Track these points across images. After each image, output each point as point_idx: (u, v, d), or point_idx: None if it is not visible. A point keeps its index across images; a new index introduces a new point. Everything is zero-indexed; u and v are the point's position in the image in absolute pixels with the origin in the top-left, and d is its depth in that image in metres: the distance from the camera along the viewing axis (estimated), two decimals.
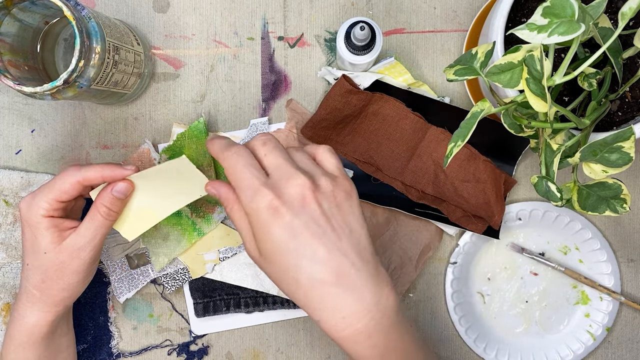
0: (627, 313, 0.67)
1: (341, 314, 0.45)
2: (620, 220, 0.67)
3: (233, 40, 0.64)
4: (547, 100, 0.44)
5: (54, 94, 0.49)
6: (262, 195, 0.44)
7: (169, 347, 0.66)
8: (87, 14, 0.50)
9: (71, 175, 0.52)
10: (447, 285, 0.65)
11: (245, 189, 0.45)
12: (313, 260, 0.44)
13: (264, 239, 0.45)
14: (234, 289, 0.65)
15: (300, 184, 0.45)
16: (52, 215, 0.52)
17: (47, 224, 0.51)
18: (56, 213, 0.52)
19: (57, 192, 0.51)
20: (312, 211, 0.45)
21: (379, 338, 0.45)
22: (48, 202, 0.51)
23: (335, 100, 0.61)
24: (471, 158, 0.62)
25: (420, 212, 0.64)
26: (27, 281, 0.53)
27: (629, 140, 0.45)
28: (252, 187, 0.45)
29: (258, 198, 0.44)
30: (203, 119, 0.62)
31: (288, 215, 0.44)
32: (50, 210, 0.52)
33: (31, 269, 0.53)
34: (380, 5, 0.64)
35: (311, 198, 0.45)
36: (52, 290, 0.53)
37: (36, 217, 0.51)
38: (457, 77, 0.49)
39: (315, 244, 0.44)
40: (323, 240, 0.44)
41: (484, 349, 0.66)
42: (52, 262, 0.52)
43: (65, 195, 0.51)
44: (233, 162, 0.46)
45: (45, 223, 0.51)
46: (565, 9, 0.42)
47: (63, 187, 0.51)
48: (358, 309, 0.45)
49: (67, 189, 0.51)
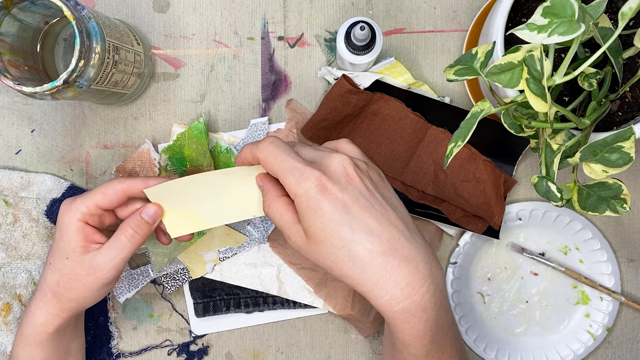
0: (627, 313, 0.67)
1: (399, 285, 0.44)
2: (621, 221, 0.67)
3: (233, 40, 0.64)
4: (547, 100, 0.44)
5: (53, 94, 0.49)
6: (309, 174, 0.44)
7: (169, 347, 0.66)
8: (87, 14, 0.50)
9: (116, 183, 0.51)
10: (447, 285, 0.65)
11: (291, 172, 0.45)
12: (368, 232, 0.44)
13: (314, 216, 0.45)
14: (234, 289, 0.65)
15: (341, 161, 0.46)
16: (87, 221, 0.51)
17: (77, 229, 0.51)
18: (91, 220, 0.52)
19: (98, 196, 0.51)
20: (357, 185, 0.46)
21: (432, 312, 0.45)
22: (87, 206, 0.51)
23: (335, 100, 0.61)
24: (471, 158, 0.62)
25: (420, 212, 0.64)
26: (44, 280, 0.53)
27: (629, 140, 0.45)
28: (298, 168, 0.45)
29: (306, 175, 0.44)
30: (203, 118, 0.62)
31: (336, 190, 0.44)
32: (87, 214, 0.51)
33: (52, 269, 0.53)
34: (380, 5, 0.64)
35: (354, 174, 0.46)
36: (62, 296, 0.53)
37: (70, 219, 0.51)
38: (457, 77, 0.49)
39: (366, 217, 0.45)
40: (373, 212, 0.45)
41: (484, 349, 0.66)
42: (69, 270, 0.52)
43: (105, 200, 0.51)
44: (272, 150, 0.46)
45: (76, 227, 0.51)
46: (565, 9, 0.42)
47: (106, 192, 0.51)
48: (415, 279, 0.45)
49: (109, 194, 0.51)
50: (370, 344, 0.66)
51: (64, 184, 0.64)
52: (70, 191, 0.64)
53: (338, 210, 0.44)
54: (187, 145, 0.63)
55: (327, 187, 0.44)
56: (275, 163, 0.46)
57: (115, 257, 0.51)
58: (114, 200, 0.51)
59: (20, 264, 0.63)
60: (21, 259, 0.63)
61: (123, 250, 0.51)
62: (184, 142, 0.63)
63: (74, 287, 0.52)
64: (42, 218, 0.63)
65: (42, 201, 0.63)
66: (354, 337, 0.66)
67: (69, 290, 0.52)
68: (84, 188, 0.65)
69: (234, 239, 0.64)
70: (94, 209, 0.51)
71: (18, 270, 0.63)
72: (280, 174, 0.46)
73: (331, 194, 0.44)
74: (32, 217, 0.63)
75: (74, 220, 0.51)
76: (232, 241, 0.64)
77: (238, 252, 0.64)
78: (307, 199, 0.44)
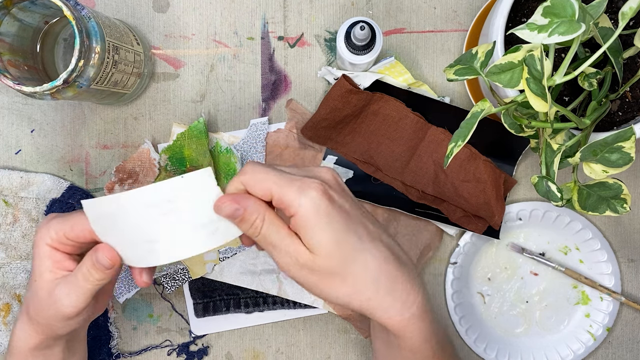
0: (627, 313, 0.67)
1: (406, 291, 0.43)
2: (621, 221, 0.67)
3: (233, 40, 0.64)
4: (547, 100, 0.44)
5: (53, 93, 0.49)
6: (311, 182, 0.41)
7: (169, 347, 0.66)
8: (86, 14, 0.50)
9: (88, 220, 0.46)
10: (448, 285, 0.65)
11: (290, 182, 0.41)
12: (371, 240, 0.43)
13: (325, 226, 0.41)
14: (234, 289, 0.65)
15: (329, 171, 0.44)
16: (56, 247, 0.46)
17: (45, 253, 0.46)
18: (62, 247, 0.46)
19: (67, 227, 0.46)
20: (350, 194, 0.45)
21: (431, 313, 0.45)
22: (56, 232, 0.46)
23: (335, 100, 0.61)
24: (471, 158, 0.62)
25: (420, 212, 0.64)
26: (25, 296, 0.50)
27: (629, 140, 0.45)
28: (297, 179, 0.41)
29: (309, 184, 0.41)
30: (203, 118, 0.62)
31: (338, 198, 0.42)
32: (56, 241, 0.46)
33: (28, 287, 0.49)
34: (380, 5, 0.64)
35: (342, 183, 0.45)
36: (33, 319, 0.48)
37: (39, 240, 0.46)
38: (457, 77, 0.49)
39: (366, 223, 0.43)
40: (368, 219, 0.44)
41: (484, 349, 0.66)
42: (35, 293, 0.47)
43: (72, 234, 0.45)
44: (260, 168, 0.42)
45: (44, 251, 0.46)
46: (565, 9, 0.42)
47: (74, 226, 0.45)
48: (414, 282, 0.44)
49: (76, 230, 0.45)
50: (370, 344, 0.66)
51: (64, 184, 0.64)
52: (70, 191, 0.64)
53: (344, 219, 0.42)
54: (187, 145, 0.62)
55: (331, 195, 0.42)
56: (269, 178, 0.42)
57: (71, 294, 0.45)
58: (79, 237, 0.46)
59: (20, 264, 0.63)
60: (21, 259, 0.63)
61: (79, 289, 0.45)
62: (183, 142, 0.63)
63: (39, 314, 0.47)
64: (41, 218, 0.63)
65: (42, 201, 0.63)
66: (354, 337, 0.66)
67: (37, 315, 0.48)
68: (84, 188, 0.65)
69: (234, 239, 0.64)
70: (63, 239, 0.46)
71: (18, 271, 0.63)
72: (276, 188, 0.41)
73: (336, 202, 0.42)
74: (32, 217, 0.63)
75: (42, 243, 0.46)
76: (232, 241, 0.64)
77: (238, 252, 0.64)
78: (316, 207, 0.41)
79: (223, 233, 0.44)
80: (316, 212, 0.41)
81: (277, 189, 0.41)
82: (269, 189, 0.42)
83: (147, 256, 0.44)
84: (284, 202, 0.41)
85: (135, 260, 0.45)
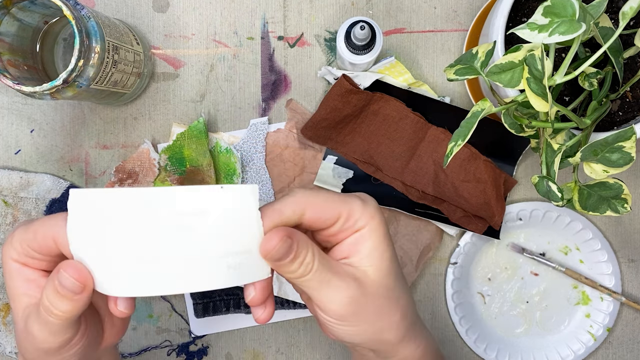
0: (627, 313, 0.67)
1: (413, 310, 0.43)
2: (621, 221, 0.67)
3: (233, 39, 0.64)
4: (547, 99, 0.44)
5: (53, 93, 0.49)
6: (367, 198, 0.37)
7: (169, 347, 0.66)
8: (86, 14, 0.50)
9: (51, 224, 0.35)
10: (448, 285, 0.65)
11: (353, 198, 0.37)
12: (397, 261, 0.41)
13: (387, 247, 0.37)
14: (234, 289, 0.65)
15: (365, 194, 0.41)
16: (25, 263, 0.36)
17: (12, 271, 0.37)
18: (32, 263, 0.37)
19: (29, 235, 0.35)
20: None
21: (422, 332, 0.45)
22: (20, 243, 0.36)
23: (335, 100, 0.61)
24: (471, 158, 0.62)
25: (420, 212, 0.63)
26: None
27: (629, 140, 0.45)
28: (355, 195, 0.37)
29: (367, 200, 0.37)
30: (203, 118, 0.62)
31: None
32: (22, 255, 0.36)
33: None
34: (380, 4, 0.64)
35: None
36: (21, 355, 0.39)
37: (5, 258, 0.37)
38: (458, 77, 0.49)
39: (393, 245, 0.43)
40: None
41: (485, 349, 0.65)
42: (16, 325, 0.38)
43: (35, 244, 0.35)
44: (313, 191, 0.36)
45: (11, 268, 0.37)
46: (566, 9, 0.42)
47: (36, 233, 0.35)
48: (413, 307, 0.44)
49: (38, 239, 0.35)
50: None
51: (64, 184, 0.64)
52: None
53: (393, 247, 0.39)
54: (186, 145, 0.62)
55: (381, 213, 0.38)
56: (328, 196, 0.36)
57: (42, 329, 0.35)
58: (43, 248, 0.35)
59: None
60: None
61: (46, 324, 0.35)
62: (183, 142, 0.62)
63: (22, 350, 0.38)
64: None
65: (42, 201, 0.63)
66: None
67: (24, 352, 0.38)
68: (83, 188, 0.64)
69: None
70: (27, 250, 0.36)
71: None
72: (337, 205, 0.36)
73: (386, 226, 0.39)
74: (32, 218, 0.63)
75: (7, 259, 0.37)
76: None
77: None
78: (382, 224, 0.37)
79: (247, 270, 0.34)
80: (382, 229, 0.37)
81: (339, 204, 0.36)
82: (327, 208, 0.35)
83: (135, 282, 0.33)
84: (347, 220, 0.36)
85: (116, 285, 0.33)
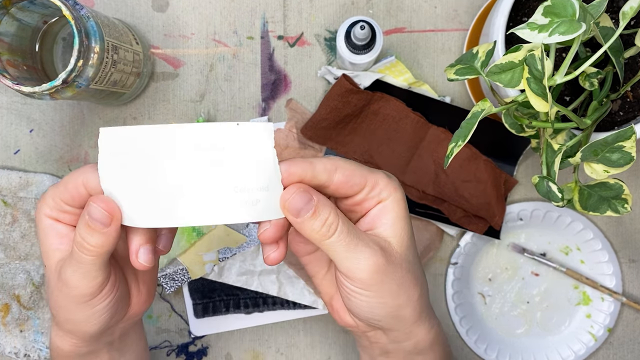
0: (628, 314, 0.67)
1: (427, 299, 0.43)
2: (622, 221, 0.66)
3: (232, 39, 0.64)
4: (548, 100, 0.44)
5: (52, 93, 0.49)
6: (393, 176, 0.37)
7: (168, 348, 0.66)
8: (85, 14, 0.50)
9: (79, 173, 0.37)
10: (448, 286, 0.65)
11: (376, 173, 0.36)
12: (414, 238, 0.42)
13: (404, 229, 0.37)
14: (234, 290, 0.65)
15: None
16: (58, 219, 0.39)
17: (46, 227, 0.39)
18: (64, 218, 0.39)
19: (60, 188, 0.38)
20: None
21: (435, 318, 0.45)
22: (53, 198, 0.38)
23: (335, 100, 0.61)
24: (472, 158, 0.62)
25: (420, 213, 0.63)
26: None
27: (630, 140, 0.45)
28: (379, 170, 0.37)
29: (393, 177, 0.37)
30: (202, 118, 0.62)
31: None
32: (55, 210, 0.38)
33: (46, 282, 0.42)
34: (380, 4, 0.64)
35: None
36: (55, 317, 0.41)
37: (39, 215, 0.39)
38: (458, 77, 0.49)
39: None
40: None
41: (485, 350, 0.65)
42: (49, 284, 0.40)
43: (66, 195, 0.37)
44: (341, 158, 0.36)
45: (45, 225, 0.39)
46: (566, 8, 0.42)
47: (67, 184, 0.37)
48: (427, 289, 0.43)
49: (69, 188, 0.37)
50: None
51: None
52: None
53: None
54: None
55: None
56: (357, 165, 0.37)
57: (75, 272, 0.37)
58: (75, 197, 0.37)
59: (19, 264, 0.63)
60: (20, 259, 0.63)
61: (78, 264, 0.37)
62: None
63: (56, 307, 0.40)
64: None
65: None
66: (354, 338, 0.66)
67: (57, 311, 0.40)
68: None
69: (233, 239, 0.64)
70: (60, 204, 0.38)
71: (17, 271, 0.63)
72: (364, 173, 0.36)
73: None
74: (31, 217, 0.63)
75: (42, 216, 0.38)
76: (231, 242, 0.64)
77: (237, 253, 0.64)
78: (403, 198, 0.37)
79: (264, 208, 0.35)
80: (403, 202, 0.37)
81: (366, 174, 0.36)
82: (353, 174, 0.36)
83: (163, 213, 0.35)
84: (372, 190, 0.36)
85: (145, 217, 0.35)
